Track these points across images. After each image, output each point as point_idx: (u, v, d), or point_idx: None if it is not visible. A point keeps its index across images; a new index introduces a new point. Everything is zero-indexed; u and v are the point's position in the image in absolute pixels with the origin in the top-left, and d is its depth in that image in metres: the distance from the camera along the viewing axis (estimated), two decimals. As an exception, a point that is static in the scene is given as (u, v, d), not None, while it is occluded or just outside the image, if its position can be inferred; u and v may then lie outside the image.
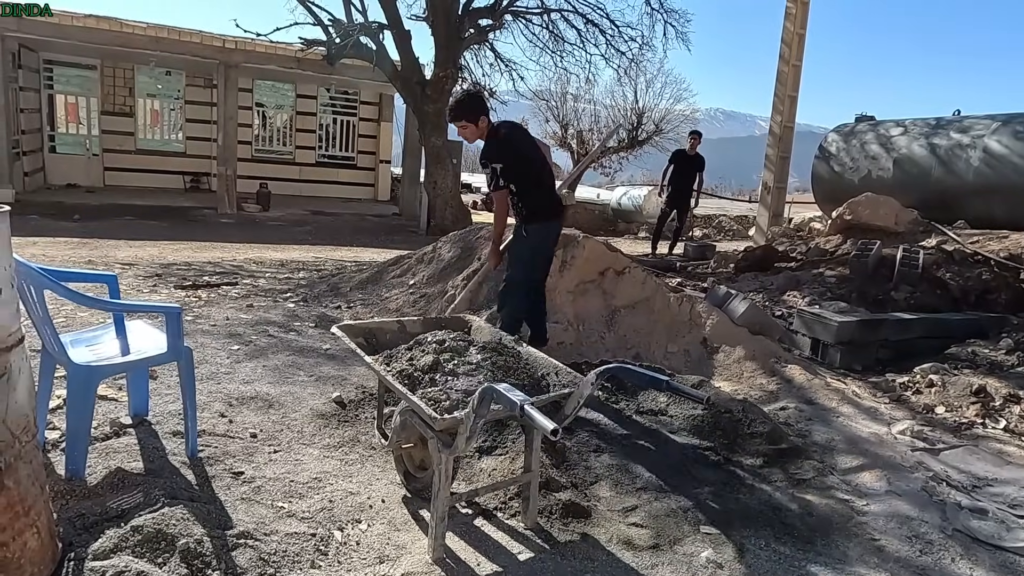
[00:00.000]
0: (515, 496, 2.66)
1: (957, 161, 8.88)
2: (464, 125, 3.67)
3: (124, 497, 2.31)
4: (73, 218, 11.32)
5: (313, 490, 2.63)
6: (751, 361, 4.57)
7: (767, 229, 12.02)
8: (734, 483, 3.00)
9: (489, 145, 3.73)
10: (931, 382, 4.55)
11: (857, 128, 10.71)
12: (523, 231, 3.89)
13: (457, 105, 3.73)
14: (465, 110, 3.67)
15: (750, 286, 7.36)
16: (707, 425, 3.47)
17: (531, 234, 3.86)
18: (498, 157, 3.68)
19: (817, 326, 5.36)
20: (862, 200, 8.43)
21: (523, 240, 3.91)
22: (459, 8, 12.19)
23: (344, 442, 3.08)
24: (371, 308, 5.38)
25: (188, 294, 5.54)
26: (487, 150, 3.73)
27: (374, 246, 10.82)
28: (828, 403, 4.07)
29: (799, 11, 11.99)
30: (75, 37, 13.00)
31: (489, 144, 3.73)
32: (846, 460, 3.32)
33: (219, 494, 2.49)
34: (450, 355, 2.47)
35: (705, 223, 17.77)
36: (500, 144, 3.72)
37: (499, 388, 1.89)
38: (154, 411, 3.09)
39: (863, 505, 2.91)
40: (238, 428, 3.07)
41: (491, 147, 3.72)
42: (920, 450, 3.53)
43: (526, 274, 3.94)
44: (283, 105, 17.85)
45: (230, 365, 3.82)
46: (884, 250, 7.21)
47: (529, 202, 3.82)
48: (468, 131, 3.71)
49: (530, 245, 3.91)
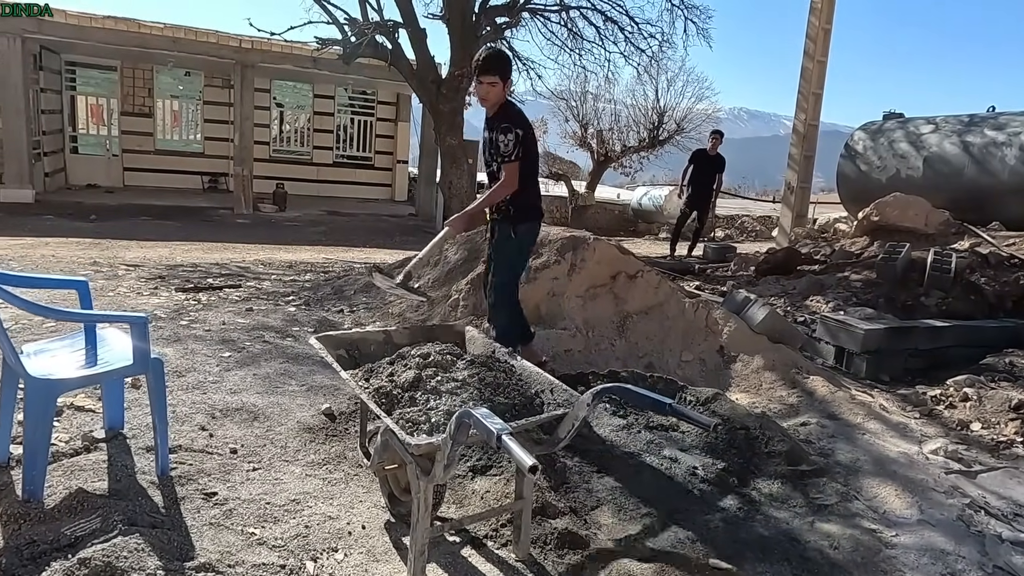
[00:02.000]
0: (508, 523, 2.45)
1: (991, 159, 8.49)
2: (494, 81, 3.32)
3: (81, 522, 2.14)
4: (90, 218, 11.34)
5: (290, 513, 2.45)
6: (770, 371, 4.31)
7: (790, 230, 11.66)
8: (749, 509, 2.76)
9: (511, 109, 3.44)
10: (966, 396, 4.25)
11: (885, 126, 10.32)
12: (512, 232, 3.58)
13: (497, 56, 3.37)
14: (503, 64, 3.35)
15: (771, 290, 7.06)
16: (721, 443, 3.22)
17: (521, 235, 3.60)
18: (520, 123, 3.39)
19: (842, 334, 5.07)
20: (890, 200, 8.08)
21: (510, 241, 3.61)
22: (475, 6, 12.00)
23: (329, 459, 2.89)
24: (374, 312, 5.20)
25: (188, 297, 5.41)
26: (512, 114, 3.41)
27: (388, 247, 10.68)
28: (853, 418, 3.79)
29: (824, 5, 11.61)
30: (94, 38, 13.06)
31: (512, 108, 3.44)
32: (873, 483, 3.06)
33: (186, 518, 2.31)
34: (434, 370, 2.26)
35: (727, 224, 17.40)
36: (521, 113, 3.48)
37: (477, 413, 1.68)
38: (131, 424, 2.92)
39: (892, 536, 2.65)
40: (218, 443, 2.90)
41: (515, 112, 3.43)
42: (955, 472, 3.25)
43: (514, 278, 3.73)
44: (302, 105, 17.83)
45: (219, 373, 3.66)
46: (914, 253, 6.86)
47: (523, 197, 3.52)
48: (494, 90, 3.34)
49: (519, 246, 3.64)
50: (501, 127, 3.36)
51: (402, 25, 11.97)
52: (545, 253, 4.96)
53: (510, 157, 3.37)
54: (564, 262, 4.89)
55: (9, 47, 12.22)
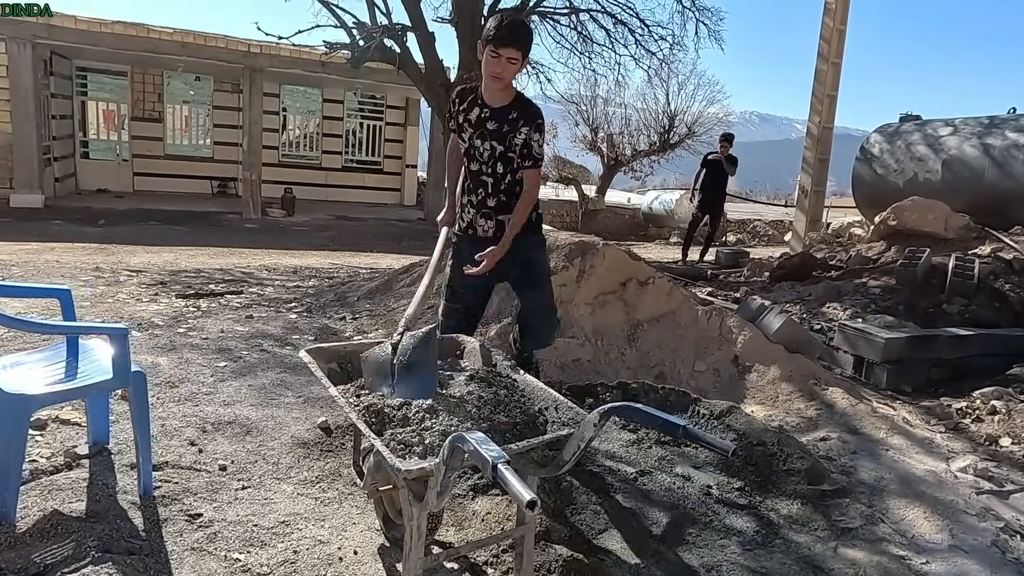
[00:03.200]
0: (510, 548, 2.29)
1: (1013, 162, 8.25)
2: (515, 57, 2.65)
3: (53, 547, 2.01)
4: (98, 223, 11.30)
5: (278, 537, 2.30)
6: (787, 382, 4.13)
7: (804, 235, 11.44)
8: (767, 533, 2.59)
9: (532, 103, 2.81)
10: (994, 408, 4.05)
11: (902, 128, 10.09)
12: (537, 238, 3.02)
13: (523, 26, 2.70)
14: (528, 37, 2.69)
15: (786, 296, 6.87)
16: (737, 460, 3.06)
17: (543, 243, 3.10)
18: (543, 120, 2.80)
19: (861, 342, 4.88)
20: (908, 204, 7.85)
21: (543, 248, 3.08)
22: (484, 9, 11.90)
23: (323, 476, 2.75)
24: (377, 319, 5.07)
25: (187, 303, 5.29)
26: (534, 104, 2.80)
27: (395, 252, 10.56)
28: (876, 433, 3.61)
29: (839, 6, 11.40)
30: (104, 43, 13.06)
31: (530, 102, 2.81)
32: (899, 505, 2.88)
33: (167, 542, 2.17)
34: (430, 386, 2.11)
35: (739, 228, 17.18)
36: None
37: (472, 439, 1.53)
38: (117, 439, 2.80)
39: (922, 564, 2.47)
40: (207, 459, 2.76)
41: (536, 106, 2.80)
42: (986, 493, 3.06)
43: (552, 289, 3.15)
44: (312, 110, 17.79)
45: (212, 384, 3.53)
46: (934, 258, 6.66)
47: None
48: (514, 68, 2.69)
49: (544, 255, 3.12)
50: (535, 122, 2.73)
51: (410, 29, 11.88)
52: (553, 259, 4.80)
53: (541, 160, 2.81)
54: (572, 268, 4.74)
55: (19, 52, 12.24)
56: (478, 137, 2.83)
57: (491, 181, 2.87)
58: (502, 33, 2.62)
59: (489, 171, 2.86)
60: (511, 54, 2.63)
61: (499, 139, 2.78)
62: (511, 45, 2.62)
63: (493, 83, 2.72)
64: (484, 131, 2.80)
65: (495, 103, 2.78)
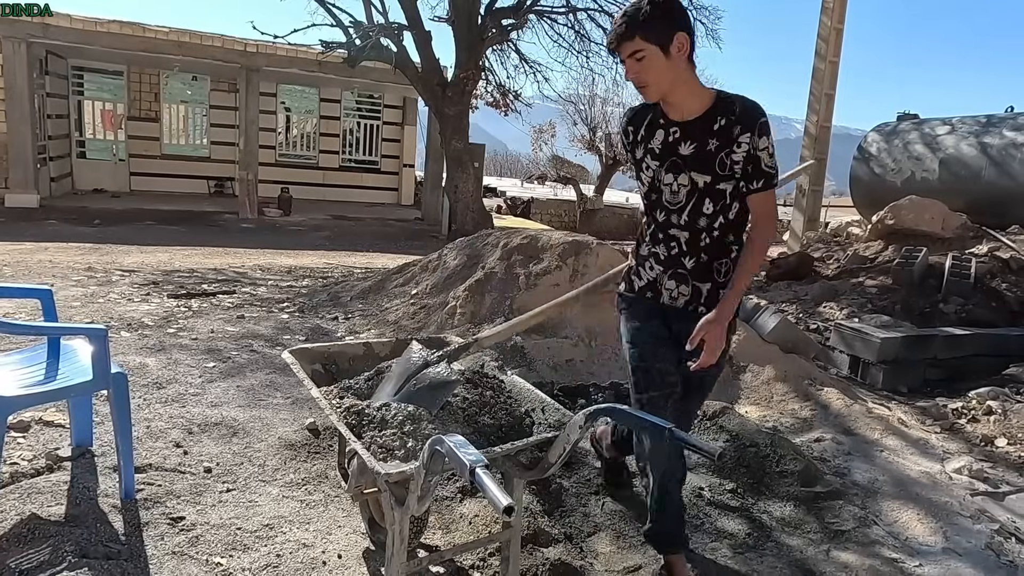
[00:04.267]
0: (497, 551, 2.26)
1: (1011, 161, 8.22)
2: (639, 49, 1.92)
3: (29, 553, 1.97)
4: (93, 223, 11.26)
5: (261, 540, 2.27)
6: (782, 383, 4.09)
7: (802, 234, 11.41)
8: (759, 535, 2.55)
9: (743, 98, 2.01)
10: (989, 409, 4.02)
11: (899, 127, 10.07)
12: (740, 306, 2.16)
13: (631, 8, 1.93)
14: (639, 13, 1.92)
15: (783, 296, 6.85)
16: (729, 461, 3.03)
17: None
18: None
19: (857, 342, 4.85)
20: (905, 203, 7.83)
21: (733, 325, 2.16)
22: (481, 8, 11.86)
23: (310, 479, 2.71)
24: (370, 320, 5.03)
25: (179, 304, 5.25)
26: (753, 103, 2.00)
27: (392, 251, 10.52)
28: (870, 434, 3.57)
29: (837, 5, 11.37)
30: (100, 43, 13.01)
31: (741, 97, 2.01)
32: (893, 507, 2.84)
33: (147, 546, 2.14)
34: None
35: (737, 228, 17.15)
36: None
37: (450, 442, 1.49)
38: (101, 440, 2.76)
39: (915, 567, 2.44)
40: (192, 461, 2.73)
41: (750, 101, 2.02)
42: (981, 494, 3.03)
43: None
44: (309, 110, 17.75)
45: (200, 385, 3.49)
46: (931, 257, 6.63)
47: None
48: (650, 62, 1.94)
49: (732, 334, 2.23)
50: (758, 123, 1.94)
51: (407, 28, 11.86)
52: (546, 258, 4.78)
53: (775, 176, 2.01)
54: (566, 268, 4.71)
55: (14, 52, 12.19)
56: (667, 170, 2.05)
57: (686, 236, 2.07)
58: (611, 38, 1.99)
59: (685, 221, 2.06)
60: (629, 50, 1.93)
61: (703, 166, 2.00)
62: (623, 40, 1.94)
63: (647, 94, 2.01)
64: (677, 160, 2.03)
65: (686, 115, 2.02)
